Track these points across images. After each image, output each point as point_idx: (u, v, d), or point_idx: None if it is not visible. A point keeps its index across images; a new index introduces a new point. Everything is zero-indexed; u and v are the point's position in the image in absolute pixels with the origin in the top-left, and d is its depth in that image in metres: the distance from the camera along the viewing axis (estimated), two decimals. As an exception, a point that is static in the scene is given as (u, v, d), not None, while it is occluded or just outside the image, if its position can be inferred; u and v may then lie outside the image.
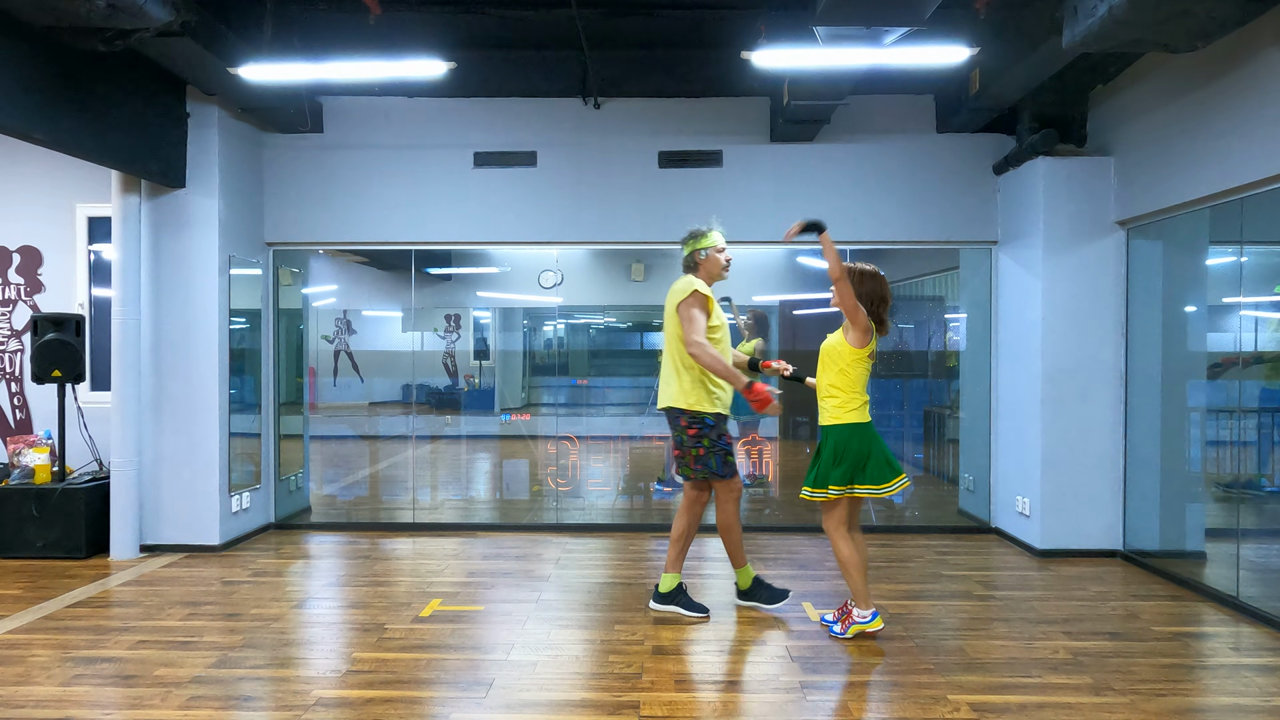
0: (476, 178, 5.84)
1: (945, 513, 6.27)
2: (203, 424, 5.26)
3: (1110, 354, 5.16)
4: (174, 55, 4.48)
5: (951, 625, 3.88)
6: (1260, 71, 3.84)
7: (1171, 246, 4.86)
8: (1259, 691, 3.15)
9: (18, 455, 5.33)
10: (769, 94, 5.68)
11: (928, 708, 2.98)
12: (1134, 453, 5.08)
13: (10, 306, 5.74)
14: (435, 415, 7.75)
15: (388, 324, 7.88)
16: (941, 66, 4.40)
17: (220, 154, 5.26)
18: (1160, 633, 3.79)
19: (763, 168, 5.76)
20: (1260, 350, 4.36)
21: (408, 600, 4.25)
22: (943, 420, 6.83)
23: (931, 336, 7.33)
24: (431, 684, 3.20)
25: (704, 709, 2.98)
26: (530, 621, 3.92)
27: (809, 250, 6.25)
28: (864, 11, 3.65)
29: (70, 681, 3.22)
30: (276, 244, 5.90)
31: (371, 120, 5.85)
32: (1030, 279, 5.30)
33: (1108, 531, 5.16)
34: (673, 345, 3.93)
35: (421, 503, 6.28)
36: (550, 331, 8.30)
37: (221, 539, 5.29)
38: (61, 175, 5.62)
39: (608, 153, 5.81)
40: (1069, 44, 3.83)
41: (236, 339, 5.50)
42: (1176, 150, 4.48)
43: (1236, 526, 4.37)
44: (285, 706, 2.99)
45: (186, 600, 4.27)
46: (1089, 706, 2.99)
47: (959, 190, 5.75)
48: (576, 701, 3.04)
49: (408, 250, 6.05)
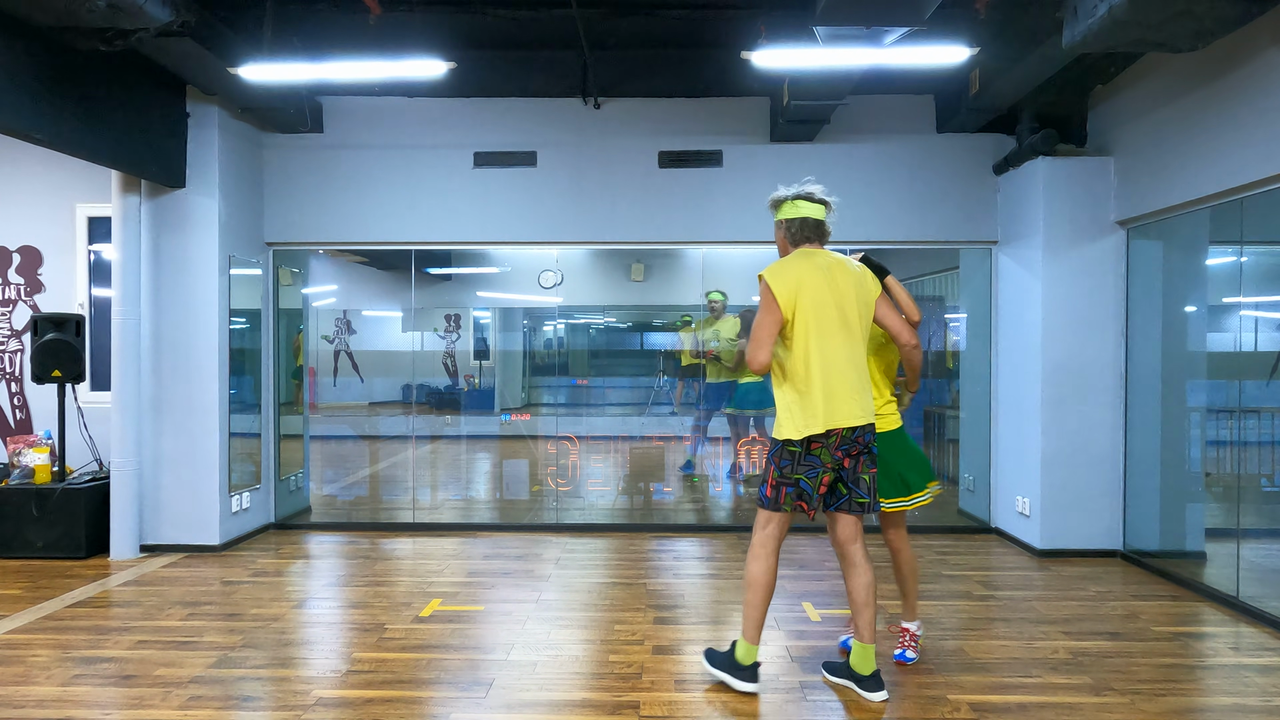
0: (476, 178, 5.84)
1: (945, 513, 6.26)
2: (203, 424, 5.26)
3: (1110, 354, 5.16)
4: (174, 55, 4.48)
5: (951, 625, 3.88)
6: (1260, 71, 3.84)
7: (1171, 246, 4.86)
8: (1259, 691, 3.15)
9: (18, 455, 5.33)
10: (769, 94, 5.68)
11: (928, 708, 2.98)
12: (1134, 453, 5.08)
13: (10, 306, 5.74)
14: (435, 415, 7.75)
15: (388, 324, 7.88)
16: (941, 66, 4.40)
17: (220, 154, 5.26)
18: (1160, 633, 3.79)
19: (763, 168, 5.75)
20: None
21: (408, 600, 4.25)
22: (943, 420, 6.83)
23: (931, 336, 7.32)
24: (431, 684, 3.20)
25: (704, 709, 2.98)
26: (530, 621, 3.91)
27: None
28: (864, 11, 3.65)
29: (70, 681, 3.22)
30: (276, 244, 5.90)
31: (371, 120, 5.85)
32: (1030, 279, 5.30)
33: (1108, 531, 5.16)
34: (864, 347, 3.13)
35: (421, 503, 6.28)
36: (550, 331, 8.30)
37: (221, 539, 5.29)
38: (61, 175, 5.62)
39: (608, 153, 5.81)
40: (1069, 44, 3.83)
41: (236, 339, 5.50)
42: (1176, 150, 4.48)
43: (1237, 527, 4.37)
44: (285, 706, 2.99)
45: (186, 600, 4.27)
46: (1089, 706, 2.99)
47: (959, 190, 5.75)
48: (576, 701, 3.04)
49: (408, 250, 6.05)
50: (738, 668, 3.11)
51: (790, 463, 3.01)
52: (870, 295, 3.12)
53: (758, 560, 3.08)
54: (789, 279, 3.00)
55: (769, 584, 3.08)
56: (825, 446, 2.99)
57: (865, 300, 3.09)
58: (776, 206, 3.20)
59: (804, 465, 3.00)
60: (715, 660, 3.20)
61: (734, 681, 3.10)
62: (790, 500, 3.02)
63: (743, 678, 3.09)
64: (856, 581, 3.07)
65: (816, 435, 2.97)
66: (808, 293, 2.99)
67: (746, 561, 3.12)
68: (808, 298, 2.99)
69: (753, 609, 3.08)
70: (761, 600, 3.07)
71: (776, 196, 3.19)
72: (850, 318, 3.03)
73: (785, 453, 3.02)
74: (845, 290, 3.04)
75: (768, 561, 3.07)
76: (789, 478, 3.01)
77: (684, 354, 6.82)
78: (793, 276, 3.01)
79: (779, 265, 3.07)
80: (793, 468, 3.01)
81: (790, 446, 3.01)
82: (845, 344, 3.02)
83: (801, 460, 3.00)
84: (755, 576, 3.07)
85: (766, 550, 3.07)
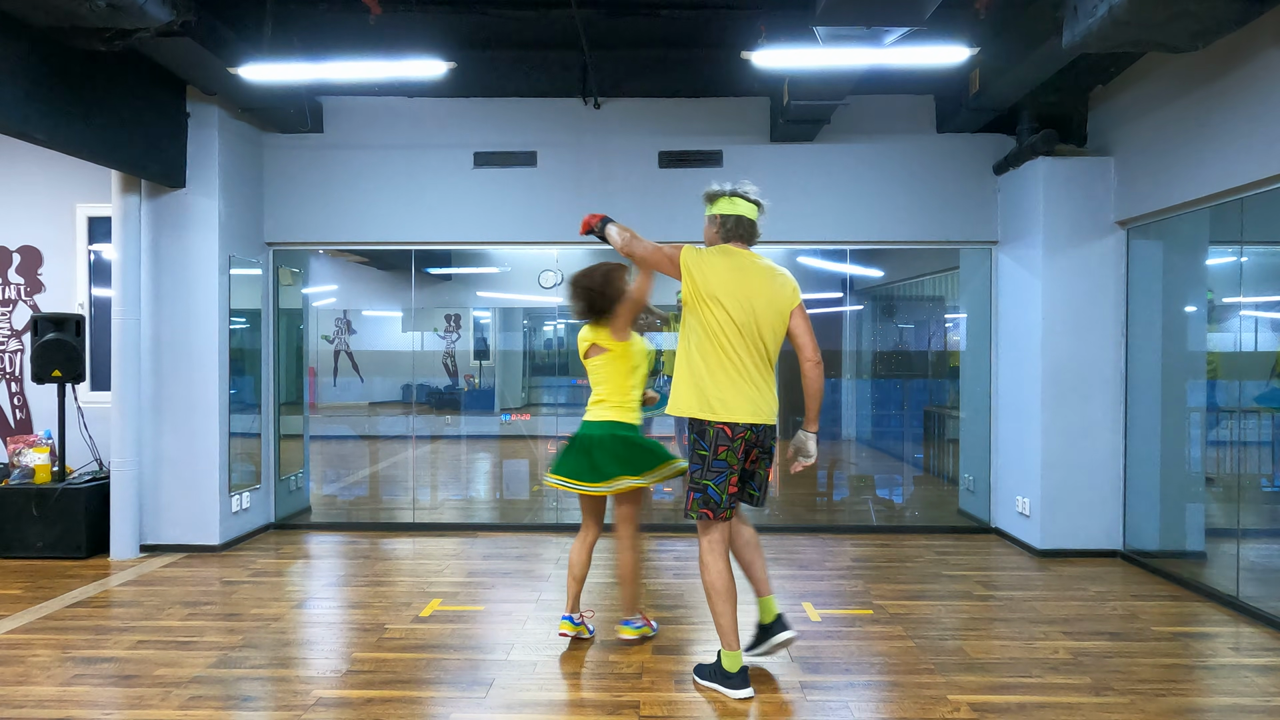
0: (476, 178, 5.84)
1: (945, 513, 6.27)
2: (203, 424, 5.26)
3: (1110, 354, 5.15)
4: (174, 55, 4.48)
5: (951, 625, 3.88)
6: (1260, 71, 3.84)
7: (1171, 246, 4.86)
8: (1259, 691, 3.15)
9: (18, 455, 5.33)
10: (769, 94, 5.68)
11: (928, 708, 2.98)
12: (1134, 453, 5.08)
13: (10, 306, 5.74)
14: (435, 415, 7.74)
15: (388, 324, 7.88)
16: (941, 66, 4.39)
17: (220, 154, 5.26)
18: (1160, 633, 3.79)
19: (763, 168, 5.75)
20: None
21: (408, 600, 4.25)
22: (943, 420, 6.83)
23: (931, 336, 7.33)
24: (431, 684, 3.20)
25: (704, 709, 2.98)
26: (530, 621, 3.91)
27: (809, 250, 6.26)
28: (864, 11, 3.65)
29: (70, 681, 3.22)
30: (276, 244, 5.90)
31: (371, 120, 5.85)
32: (1030, 279, 5.30)
33: (1108, 531, 5.16)
34: (767, 353, 3.14)
35: (421, 503, 6.28)
36: (550, 331, 8.29)
37: (221, 539, 5.29)
38: (61, 175, 5.62)
39: (608, 153, 5.81)
40: (1069, 44, 3.83)
41: (236, 339, 5.50)
42: (1176, 150, 4.48)
43: (1237, 527, 4.37)
44: (285, 706, 2.99)
45: (186, 600, 4.27)
46: (1089, 706, 2.99)
47: (959, 190, 5.75)
48: (576, 701, 3.04)
49: (408, 250, 6.06)
50: (726, 676, 3.11)
51: (702, 466, 3.06)
52: (787, 305, 3.13)
53: (709, 569, 3.11)
54: (715, 264, 3.05)
55: (730, 587, 3.11)
56: (727, 448, 3.03)
57: (779, 309, 3.10)
58: (713, 200, 3.21)
59: (711, 471, 3.05)
60: (704, 674, 3.20)
61: (726, 691, 3.10)
62: (697, 506, 3.08)
63: (733, 685, 3.09)
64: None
65: (709, 431, 3.03)
66: (726, 285, 3.03)
67: (701, 573, 3.14)
68: (728, 291, 3.02)
69: (723, 617, 3.10)
70: (729, 606, 3.10)
71: (713, 190, 3.20)
72: (752, 322, 3.05)
73: (696, 454, 3.09)
74: (756, 294, 3.06)
75: (718, 565, 3.10)
76: (699, 482, 3.07)
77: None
78: (720, 264, 3.06)
79: (711, 250, 3.12)
80: (703, 471, 3.06)
81: (700, 449, 3.06)
82: (741, 346, 3.04)
83: (709, 465, 3.05)
84: (712, 583, 3.10)
85: (715, 555, 3.10)
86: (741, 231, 3.16)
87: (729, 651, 3.10)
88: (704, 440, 3.07)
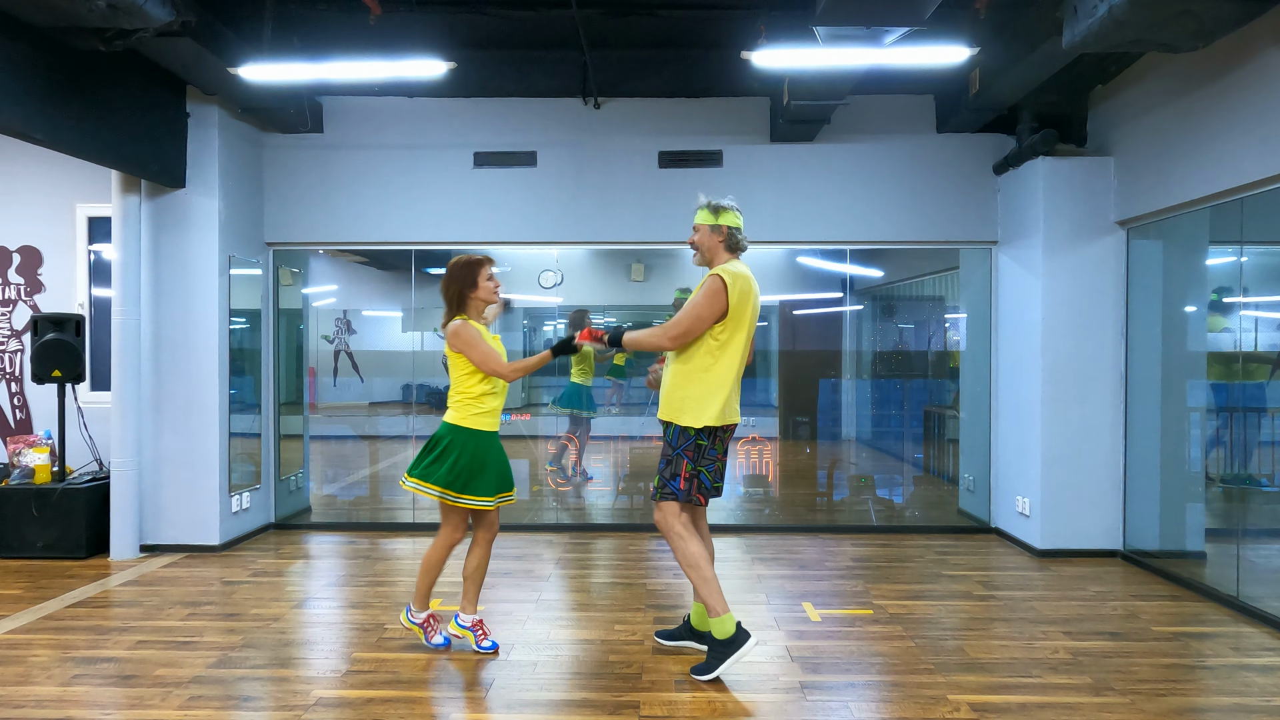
0: (476, 178, 5.84)
1: (945, 513, 6.27)
2: (203, 424, 5.25)
3: (1110, 354, 5.15)
4: (174, 55, 4.48)
5: (951, 625, 3.88)
6: (1260, 71, 3.84)
7: (1171, 246, 4.86)
8: (1259, 691, 3.15)
9: (18, 455, 5.33)
10: (769, 94, 5.68)
11: (928, 708, 2.98)
12: (1134, 453, 5.08)
13: (10, 306, 5.74)
14: (435, 415, 7.72)
15: (388, 324, 7.87)
16: (941, 66, 4.39)
17: (220, 154, 5.26)
18: (1160, 633, 3.79)
19: (763, 168, 5.75)
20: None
21: (408, 600, 4.24)
22: (943, 420, 6.83)
23: (931, 336, 7.33)
24: (431, 684, 3.20)
25: (704, 709, 2.98)
26: (530, 621, 3.91)
27: (809, 250, 6.26)
28: (864, 11, 3.65)
29: (70, 681, 3.22)
30: (276, 244, 5.90)
31: (371, 120, 5.85)
32: (1030, 279, 5.30)
33: (1108, 531, 5.16)
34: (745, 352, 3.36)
35: (421, 503, 6.28)
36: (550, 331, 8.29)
37: (221, 539, 5.29)
38: (61, 175, 5.62)
39: (608, 153, 5.81)
40: (1069, 44, 3.83)
41: (236, 339, 5.50)
42: (1176, 150, 4.48)
43: (1236, 526, 4.37)
44: (285, 706, 2.99)
45: (186, 600, 4.26)
46: (1089, 706, 2.99)
47: (959, 190, 5.75)
48: (576, 701, 3.04)
49: (407, 250, 6.06)
50: (727, 644, 3.18)
51: (698, 456, 3.26)
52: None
53: (686, 542, 3.24)
54: (741, 286, 3.20)
55: (706, 553, 3.29)
56: (720, 440, 3.29)
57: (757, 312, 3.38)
58: (720, 212, 3.32)
59: (706, 459, 3.27)
60: (706, 668, 3.21)
61: (735, 656, 3.17)
62: (695, 490, 3.28)
63: (738, 645, 3.18)
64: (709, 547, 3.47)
65: (717, 430, 3.25)
66: (747, 302, 3.23)
67: (676, 553, 3.27)
68: (747, 307, 3.23)
69: (709, 584, 3.22)
70: (711, 571, 3.25)
71: (721, 203, 3.33)
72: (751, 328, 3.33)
73: (695, 446, 3.25)
74: (755, 305, 3.32)
75: (693, 539, 3.26)
76: (696, 471, 3.26)
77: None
78: (743, 284, 3.21)
79: (734, 271, 3.22)
80: (698, 460, 3.26)
81: (700, 440, 3.24)
82: (743, 354, 3.31)
83: (705, 454, 3.26)
84: (694, 555, 3.23)
85: (690, 531, 3.28)
86: (742, 242, 3.37)
87: (719, 618, 3.19)
88: (708, 438, 3.26)
